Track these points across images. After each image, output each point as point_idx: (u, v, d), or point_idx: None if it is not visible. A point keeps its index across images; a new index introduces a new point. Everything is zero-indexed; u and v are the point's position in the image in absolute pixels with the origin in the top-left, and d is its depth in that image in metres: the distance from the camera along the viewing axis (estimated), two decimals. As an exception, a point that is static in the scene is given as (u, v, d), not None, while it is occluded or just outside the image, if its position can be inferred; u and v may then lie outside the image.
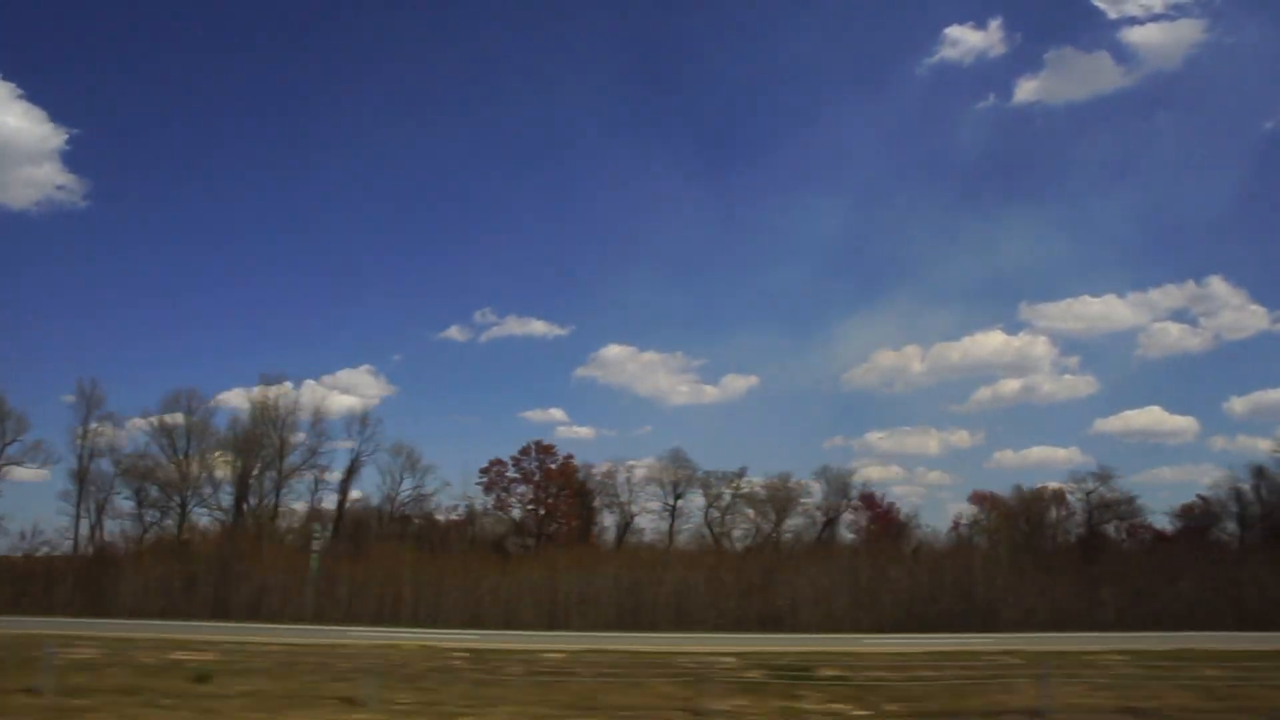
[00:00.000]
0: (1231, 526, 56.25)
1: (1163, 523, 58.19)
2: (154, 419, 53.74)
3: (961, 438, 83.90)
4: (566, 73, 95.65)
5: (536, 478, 57.93)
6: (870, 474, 70.41)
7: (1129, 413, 78.80)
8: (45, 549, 49.37)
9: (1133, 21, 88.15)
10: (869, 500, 61.54)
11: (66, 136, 79.52)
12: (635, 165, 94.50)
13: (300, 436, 55.84)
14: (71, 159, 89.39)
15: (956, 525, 60.26)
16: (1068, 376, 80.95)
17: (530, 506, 58.13)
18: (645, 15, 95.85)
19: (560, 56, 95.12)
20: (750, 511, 57.51)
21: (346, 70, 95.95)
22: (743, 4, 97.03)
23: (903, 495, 74.42)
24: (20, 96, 77.56)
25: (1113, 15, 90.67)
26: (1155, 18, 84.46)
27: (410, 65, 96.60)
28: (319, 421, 55.66)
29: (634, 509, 57.82)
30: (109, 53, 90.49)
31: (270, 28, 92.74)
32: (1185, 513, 58.20)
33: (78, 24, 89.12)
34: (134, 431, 70.04)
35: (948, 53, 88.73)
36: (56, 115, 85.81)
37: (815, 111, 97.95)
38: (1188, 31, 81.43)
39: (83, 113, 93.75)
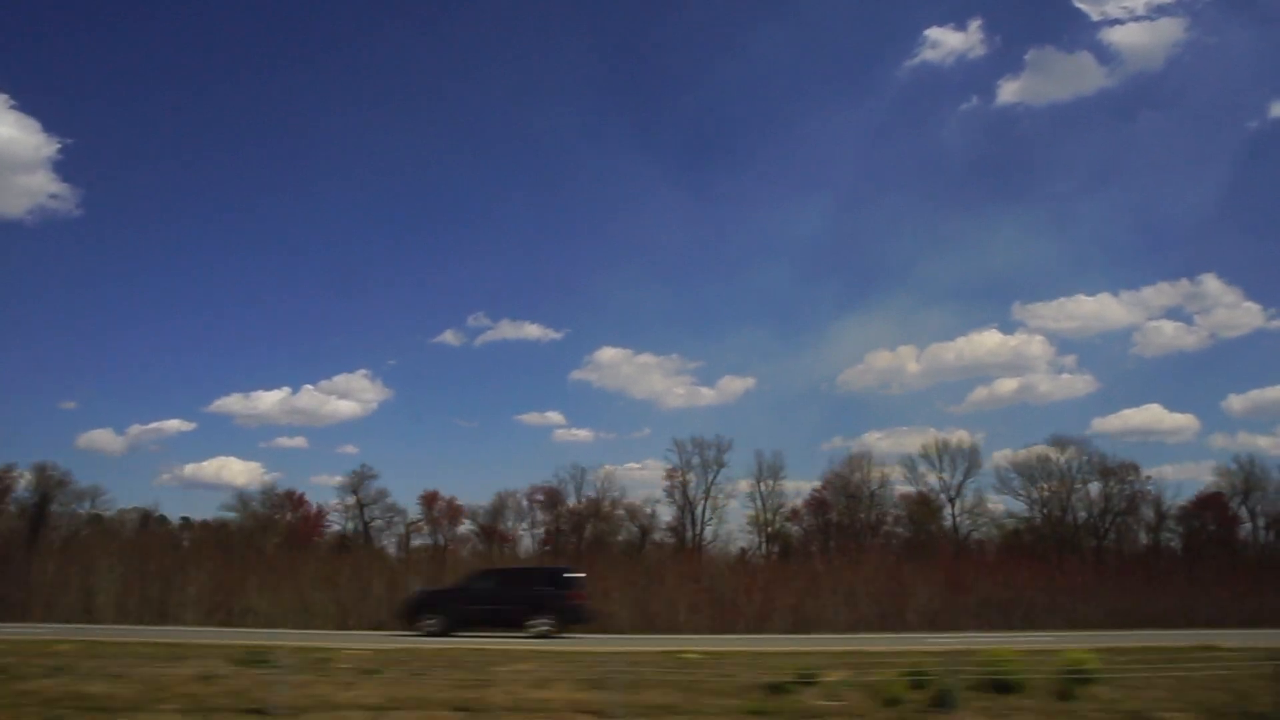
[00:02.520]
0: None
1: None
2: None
3: (961, 438, 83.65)
4: (555, 79, 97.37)
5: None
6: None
7: (1128, 411, 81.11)
8: None
9: (1113, 22, 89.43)
10: (296, 501, 65.31)
11: (59, 146, 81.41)
12: (625, 169, 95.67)
13: None
14: (64, 168, 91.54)
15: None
16: (1065, 375, 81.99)
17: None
18: (631, 21, 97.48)
19: (548, 63, 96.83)
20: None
21: (339, 79, 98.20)
22: (726, 8, 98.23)
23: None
24: (13, 106, 79.40)
25: (1093, 16, 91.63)
26: (1136, 18, 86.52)
27: (403, 73, 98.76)
28: None
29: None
30: (102, 62, 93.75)
31: (264, 37, 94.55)
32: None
33: (70, 34, 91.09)
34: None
35: (928, 54, 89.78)
36: (50, 125, 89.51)
37: (800, 114, 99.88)
38: (1169, 31, 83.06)
39: (76, 122, 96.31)
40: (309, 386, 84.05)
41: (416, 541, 65.32)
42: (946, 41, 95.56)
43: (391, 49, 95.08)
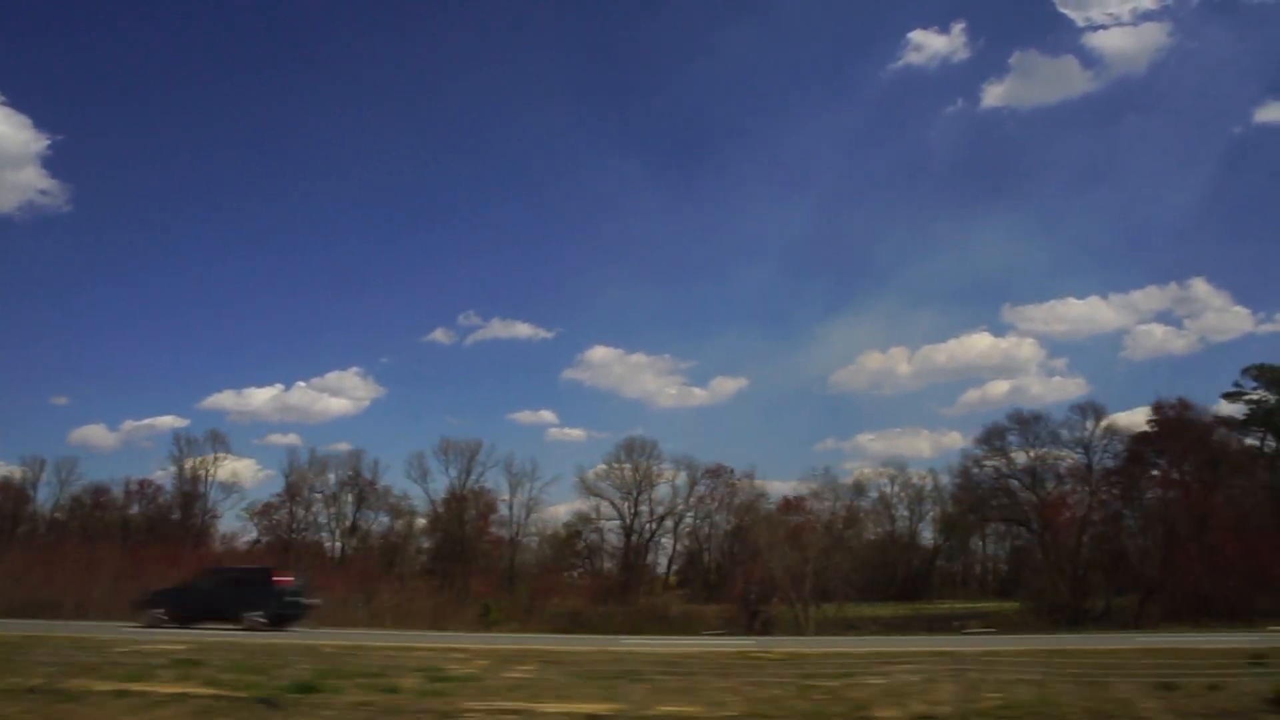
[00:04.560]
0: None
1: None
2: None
3: (953, 439, 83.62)
4: (544, 81, 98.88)
5: None
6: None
7: (1120, 415, 79.25)
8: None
9: (1096, 27, 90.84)
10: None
11: (49, 142, 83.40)
12: (613, 170, 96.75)
13: None
14: (54, 164, 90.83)
15: None
16: (1056, 378, 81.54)
17: None
18: (619, 24, 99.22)
19: (538, 66, 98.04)
20: None
21: (331, 81, 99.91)
22: (711, 11, 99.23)
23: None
24: (3, 103, 79.08)
25: (1078, 21, 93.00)
26: (1119, 23, 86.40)
27: (396, 75, 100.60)
28: None
29: None
30: (94, 59, 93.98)
31: (255, 37, 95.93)
32: None
33: (62, 31, 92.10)
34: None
35: (912, 58, 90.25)
36: (41, 121, 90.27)
37: (786, 116, 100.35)
38: (1152, 36, 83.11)
39: (67, 119, 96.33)
40: (301, 383, 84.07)
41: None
42: (930, 45, 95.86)
43: (383, 51, 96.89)
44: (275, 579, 24.89)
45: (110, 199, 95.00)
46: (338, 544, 63.02)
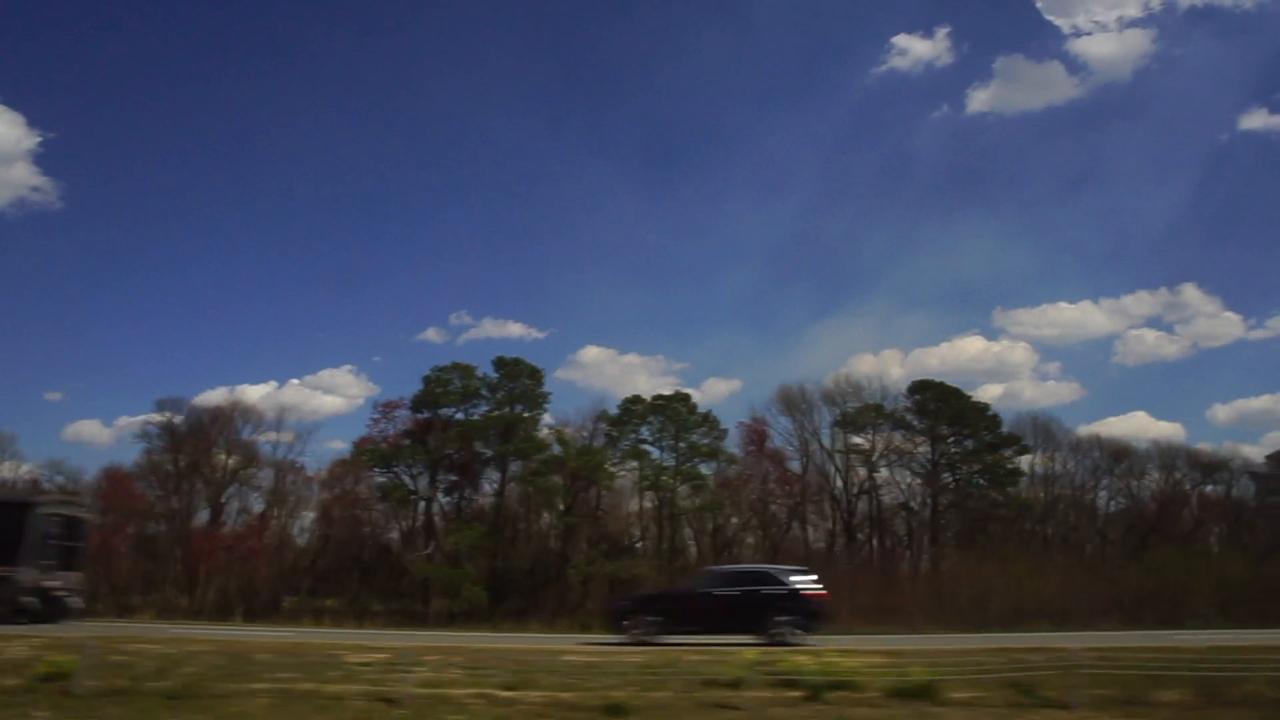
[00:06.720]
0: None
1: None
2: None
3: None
4: (532, 85, 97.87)
5: None
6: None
7: (1113, 419, 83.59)
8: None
9: (1081, 33, 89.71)
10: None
11: (40, 139, 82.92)
12: (601, 173, 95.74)
13: None
14: (45, 161, 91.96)
15: None
16: (1050, 382, 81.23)
17: None
18: (607, 28, 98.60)
19: (527, 71, 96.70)
20: None
21: (322, 80, 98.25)
22: (698, 15, 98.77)
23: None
24: None
25: (1061, 27, 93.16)
26: (1104, 30, 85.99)
27: (384, 76, 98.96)
28: None
29: None
30: (87, 58, 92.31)
31: (247, 39, 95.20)
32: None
33: (56, 30, 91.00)
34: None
35: (896, 62, 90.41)
36: (33, 119, 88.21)
37: (771, 120, 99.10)
38: (1137, 43, 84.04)
39: (59, 116, 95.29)
40: (295, 381, 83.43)
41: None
42: (914, 49, 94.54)
43: (375, 54, 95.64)
44: None
45: (102, 196, 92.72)
46: None
